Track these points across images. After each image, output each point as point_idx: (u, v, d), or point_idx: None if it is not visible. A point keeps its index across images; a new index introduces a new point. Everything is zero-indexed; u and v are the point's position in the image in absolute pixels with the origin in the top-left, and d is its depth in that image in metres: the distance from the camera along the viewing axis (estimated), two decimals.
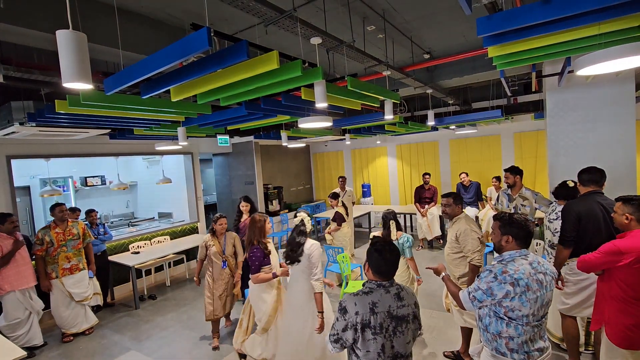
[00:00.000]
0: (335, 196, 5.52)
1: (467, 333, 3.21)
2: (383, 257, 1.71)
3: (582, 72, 2.10)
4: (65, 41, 1.44)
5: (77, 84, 1.49)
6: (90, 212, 5.15)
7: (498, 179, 6.41)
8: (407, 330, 1.67)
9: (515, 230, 1.83)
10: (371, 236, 2.72)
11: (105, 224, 5.40)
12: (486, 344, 1.91)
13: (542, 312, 1.79)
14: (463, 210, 3.09)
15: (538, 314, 1.77)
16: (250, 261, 2.99)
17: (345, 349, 1.74)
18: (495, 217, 1.96)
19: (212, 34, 1.77)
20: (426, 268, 2.53)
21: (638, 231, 2.16)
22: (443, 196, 3.07)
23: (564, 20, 2.04)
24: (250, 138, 7.81)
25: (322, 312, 2.69)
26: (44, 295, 4.12)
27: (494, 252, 1.98)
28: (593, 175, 2.80)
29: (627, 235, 2.20)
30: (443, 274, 2.18)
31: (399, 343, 1.66)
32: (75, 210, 4.86)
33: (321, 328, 2.66)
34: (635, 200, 2.18)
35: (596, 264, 2.23)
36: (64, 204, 4.25)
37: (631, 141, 3.90)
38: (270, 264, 3.06)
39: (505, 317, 1.77)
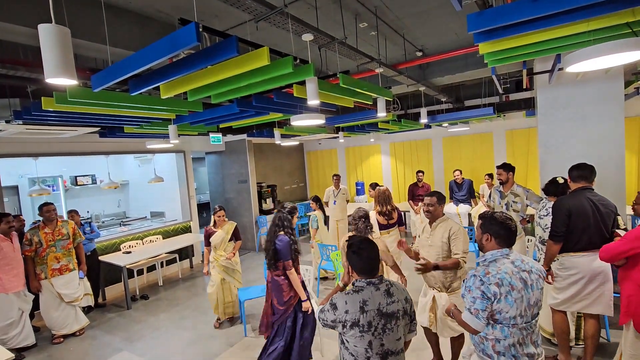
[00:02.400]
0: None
1: (436, 341, 3.08)
2: (361, 257, 1.71)
3: (571, 68, 2.11)
4: (48, 35, 1.41)
5: (61, 80, 1.46)
6: (70, 213, 4.98)
7: (490, 176, 6.46)
8: (397, 327, 1.67)
9: (495, 228, 1.81)
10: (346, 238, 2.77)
11: (92, 222, 5.31)
12: (475, 346, 1.90)
13: (531, 312, 1.74)
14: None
15: (526, 315, 1.72)
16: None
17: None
18: (479, 216, 1.94)
19: (200, 30, 1.74)
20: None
21: None
22: (426, 195, 2.82)
23: (553, 17, 2.05)
24: (243, 136, 7.77)
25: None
26: (33, 295, 4.05)
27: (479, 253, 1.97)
28: (583, 172, 2.82)
29: None
30: (452, 309, 2.02)
31: (389, 340, 1.65)
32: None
33: None
34: None
35: (622, 250, 2.21)
36: (52, 204, 4.18)
37: (620, 138, 3.95)
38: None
39: (491, 319, 1.74)
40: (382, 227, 4.09)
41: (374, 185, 4.96)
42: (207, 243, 4.25)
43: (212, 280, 4.21)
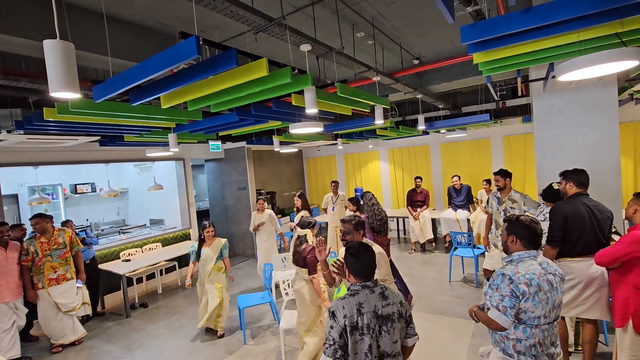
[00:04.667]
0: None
1: None
2: (359, 259, 1.75)
3: (563, 77, 2.15)
4: (53, 51, 1.44)
5: (65, 94, 1.50)
6: (66, 223, 4.90)
7: (488, 181, 6.50)
8: (393, 330, 1.68)
9: (520, 230, 1.86)
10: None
11: (87, 229, 5.30)
12: (495, 344, 1.94)
13: (554, 314, 1.79)
14: (365, 235, 2.64)
15: (550, 316, 1.77)
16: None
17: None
18: (504, 219, 2.00)
19: (201, 42, 1.79)
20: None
21: None
22: (343, 221, 2.57)
23: (544, 28, 2.11)
24: (243, 144, 7.81)
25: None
26: (30, 305, 4.04)
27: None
28: (581, 177, 2.86)
29: (638, 227, 2.28)
30: (475, 310, 2.04)
31: (385, 342, 1.66)
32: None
33: None
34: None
35: (619, 255, 2.24)
36: (39, 217, 4.08)
37: (615, 143, 4.00)
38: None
39: (515, 319, 1.77)
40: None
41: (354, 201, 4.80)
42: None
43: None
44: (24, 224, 4.55)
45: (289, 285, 3.92)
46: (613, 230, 2.99)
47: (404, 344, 1.78)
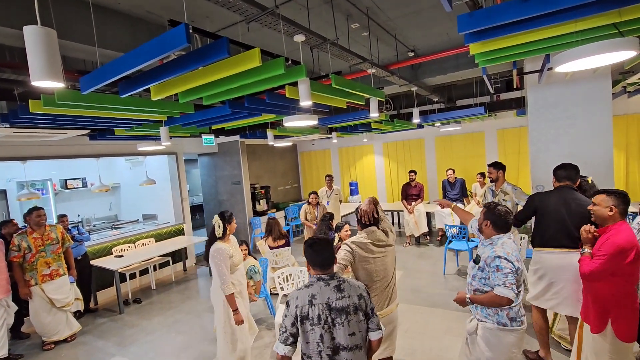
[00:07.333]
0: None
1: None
2: (314, 250, 1.80)
3: (560, 68, 2.13)
4: (33, 38, 1.38)
5: (47, 83, 1.43)
6: (62, 217, 4.91)
7: (482, 175, 6.52)
8: (348, 322, 1.69)
9: (494, 217, 2.16)
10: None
11: (79, 226, 5.22)
12: (486, 319, 2.14)
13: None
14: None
15: (520, 282, 2.05)
16: None
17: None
18: (485, 204, 2.28)
19: (191, 31, 1.72)
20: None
21: (622, 223, 2.17)
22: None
23: (541, 18, 2.08)
24: (236, 137, 7.73)
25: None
26: (21, 302, 3.97)
27: (477, 237, 2.37)
28: (568, 172, 2.90)
29: (610, 229, 2.16)
30: (467, 298, 2.22)
31: (340, 334, 1.67)
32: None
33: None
34: (619, 193, 2.22)
35: (604, 269, 2.11)
36: (42, 208, 4.11)
37: (608, 136, 4.02)
38: None
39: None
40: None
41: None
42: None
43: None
44: (14, 219, 4.46)
45: (284, 280, 3.90)
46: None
47: (369, 337, 1.79)
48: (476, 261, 2.22)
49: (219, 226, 2.94)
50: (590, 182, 3.22)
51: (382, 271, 2.36)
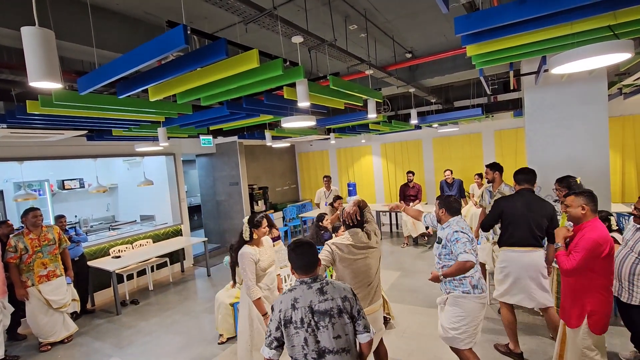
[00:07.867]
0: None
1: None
2: (295, 253, 1.79)
3: (556, 70, 2.15)
4: (31, 38, 1.38)
5: (45, 83, 1.43)
6: (59, 218, 4.88)
7: (480, 175, 6.54)
8: (332, 325, 1.66)
9: (447, 205, 2.60)
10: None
11: (76, 226, 5.20)
12: (453, 289, 2.51)
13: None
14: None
15: (475, 249, 2.42)
16: None
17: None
18: (437, 197, 2.72)
19: (189, 32, 1.73)
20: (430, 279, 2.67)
21: (595, 220, 2.26)
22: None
23: (538, 20, 2.10)
24: (234, 138, 7.72)
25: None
26: (17, 304, 3.95)
27: (439, 224, 2.66)
28: (527, 176, 3.12)
29: (585, 226, 2.25)
30: (440, 275, 2.55)
31: (324, 338, 1.66)
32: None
33: None
34: (586, 192, 2.31)
35: (582, 264, 2.18)
36: (39, 209, 4.09)
37: (604, 137, 4.04)
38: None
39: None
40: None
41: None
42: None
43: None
44: (9, 220, 4.44)
45: (283, 280, 3.89)
46: (615, 228, 3.13)
47: (358, 340, 1.77)
48: (439, 242, 2.60)
49: (246, 230, 2.90)
50: (578, 182, 3.33)
51: (363, 272, 2.40)
